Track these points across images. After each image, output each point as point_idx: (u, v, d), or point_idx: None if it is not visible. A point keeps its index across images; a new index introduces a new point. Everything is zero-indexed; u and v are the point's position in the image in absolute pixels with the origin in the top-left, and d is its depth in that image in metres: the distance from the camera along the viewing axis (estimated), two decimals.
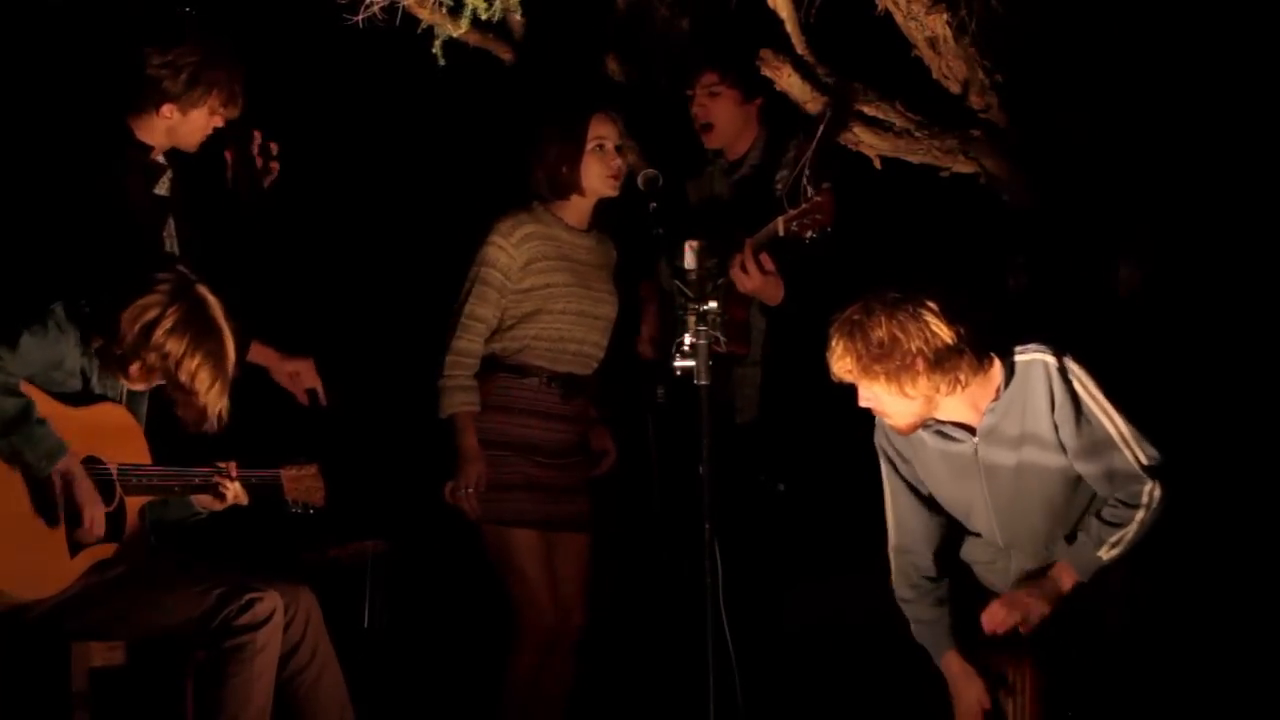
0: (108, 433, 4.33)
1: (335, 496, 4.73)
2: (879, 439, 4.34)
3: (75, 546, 4.25)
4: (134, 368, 4.28)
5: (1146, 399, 4.24)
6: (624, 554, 5.30)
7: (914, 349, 4.02)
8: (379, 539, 5.56)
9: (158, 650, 4.36)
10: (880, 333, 4.02)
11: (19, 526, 4.15)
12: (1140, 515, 4.09)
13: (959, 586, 4.35)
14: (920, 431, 4.20)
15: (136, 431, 4.41)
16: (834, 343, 4.08)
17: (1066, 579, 4.15)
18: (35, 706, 4.30)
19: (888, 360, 4.03)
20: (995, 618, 4.16)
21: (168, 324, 4.24)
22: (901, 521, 4.34)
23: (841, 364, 4.08)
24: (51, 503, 4.19)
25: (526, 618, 5.04)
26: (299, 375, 4.94)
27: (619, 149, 5.08)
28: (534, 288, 5.06)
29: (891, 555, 4.36)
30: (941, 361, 4.04)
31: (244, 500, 4.49)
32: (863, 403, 4.14)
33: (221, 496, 4.44)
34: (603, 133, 5.05)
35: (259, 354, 4.91)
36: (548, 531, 5.07)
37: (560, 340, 5.09)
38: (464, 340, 5.04)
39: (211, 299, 4.31)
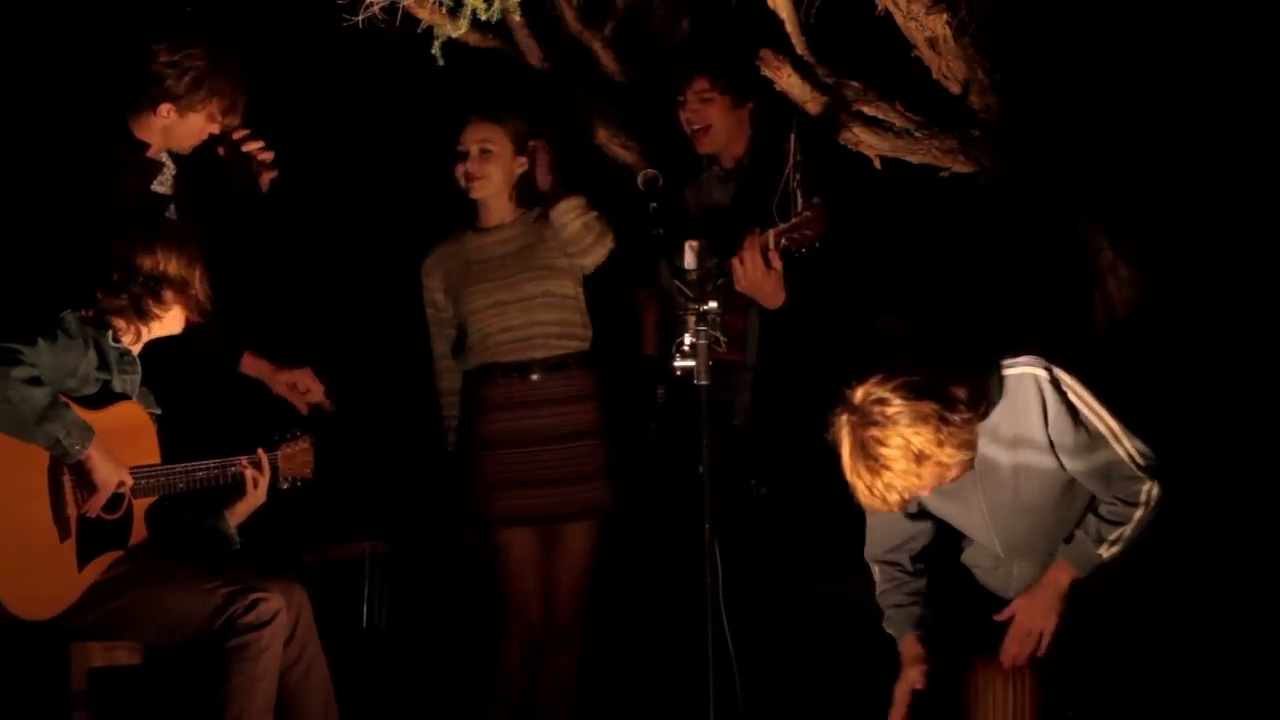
0: (123, 435, 4.32)
1: (335, 497, 4.73)
2: None
3: (84, 558, 4.25)
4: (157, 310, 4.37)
5: (1142, 398, 4.25)
6: (624, 554, 5.29)
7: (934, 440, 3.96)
8: (378, 539, 5.56)
9: (161, 649, 4.35)
10: (898, 444, 3.94)
11: (32, 547, 4.16)
12: (1139, 514, 4.10)
13: (959, 587, 4.37)
14: None
15: (149, 429, 4.41)
16: (869, 480, 3.99)
17: (1065, 577, 4.16)
18: (35, 706, 4.30)
19: (927, 461, 3.96)
20: (1010, 653, 4.17)
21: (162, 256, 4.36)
22: (877, 531, 4.36)
23: (894, 492, 3.99)
24: (65, 513, 4.20)
25: (513, 611, 5.12)
26: (296, 386, 4.94)
27: (486, 153, 5.14)
28: (455, 304, 5.23)
29: (870, 564, 4.39)
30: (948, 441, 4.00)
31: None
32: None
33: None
34: (467, 138, 5.17)
35: (251, 366, 4.92)
36: (547, 525, 5.10)
37: (488, 335, 5.17)
38: (443, 381, 5.30)
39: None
